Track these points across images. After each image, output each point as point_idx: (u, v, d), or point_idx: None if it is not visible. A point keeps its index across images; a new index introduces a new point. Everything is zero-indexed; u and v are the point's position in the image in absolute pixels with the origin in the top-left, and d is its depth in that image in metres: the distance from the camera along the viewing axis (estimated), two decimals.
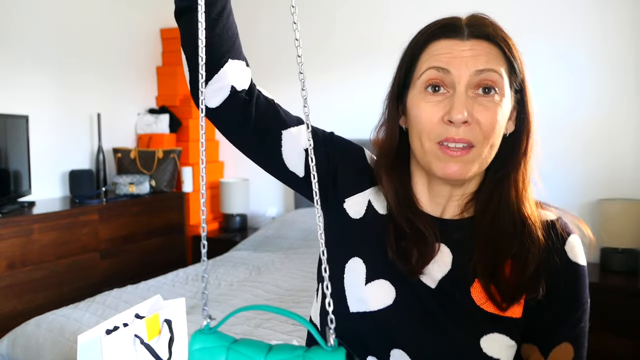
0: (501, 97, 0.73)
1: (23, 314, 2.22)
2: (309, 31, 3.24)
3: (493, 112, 0.72)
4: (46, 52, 2.85)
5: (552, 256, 0.75)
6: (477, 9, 0.77)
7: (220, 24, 0.71)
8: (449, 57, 0.72)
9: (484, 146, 0.73)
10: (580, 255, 0.78)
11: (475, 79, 0.72)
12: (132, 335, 0.79)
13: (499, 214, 0.76)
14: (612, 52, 2.43)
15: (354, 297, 0.77)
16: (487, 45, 0.73)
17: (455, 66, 0.72)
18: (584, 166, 2.50)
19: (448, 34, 0.74)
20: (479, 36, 0.73)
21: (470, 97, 0.72)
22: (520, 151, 0.77)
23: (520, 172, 0.77)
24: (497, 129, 0.73)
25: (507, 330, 0.74)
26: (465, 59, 0.72)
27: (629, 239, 2.28)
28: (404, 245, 0.77)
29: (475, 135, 0.72)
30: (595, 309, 2.39)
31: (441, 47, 0.74)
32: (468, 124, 0.71)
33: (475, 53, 0.72)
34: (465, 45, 0.73)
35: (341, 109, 3.15)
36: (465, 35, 0.73)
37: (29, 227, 2.34)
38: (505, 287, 0.73)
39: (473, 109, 0.71)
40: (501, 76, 0.72)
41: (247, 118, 0.77)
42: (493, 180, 0.78)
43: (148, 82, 3.49)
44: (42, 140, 2.83)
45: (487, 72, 0.72)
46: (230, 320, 1.87)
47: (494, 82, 0.72)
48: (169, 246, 3.10)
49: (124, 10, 3.29)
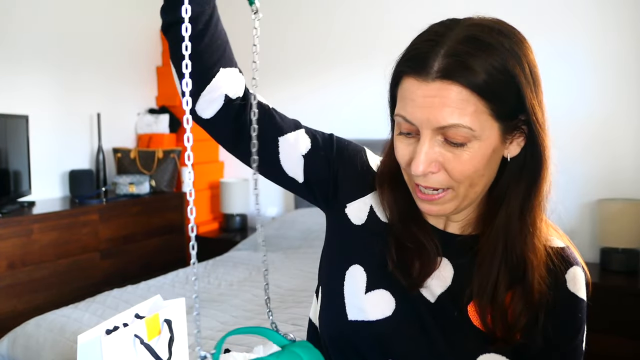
0: (476, 142, 0.65)
1: (23, 314, 2.23)
2: (308, 31, 3.24)
3: (463, 161, 0.66)
4: (46, 52, 2.85)
5: (552, 289, 0.72)
6: (479, 9, 0.74)
7: (208, 33, 0.69)
8: (413, 107, 0.65)
9: (460, 187, 0.68)
10: (581, 287, 0.75)
11: (439, 132, 0.65)
12: (132, 335, 0.79)
13: (504, 242, 0.72)
14: (612, 52, 2.43)
15: (353, 305, 0.76)
16: (456, 88, 0.63)
17: (418, 118, 0.65)
18: (584, 166, 2.50)
19: (416, 70, 0.65)
20: (446, 76, 0.63)
21: (439, 143, 0.66)
22: (533, 176, 0.71)
23: (534, 201, 0.71)
24: (472, 173, 0.67)
25: (505, 351, 0.72)
26: (427, 111, 0.64)
27: (629, 239, 2.28)
28: (404, 257, 0.75)
29: (443, 182, 0.68)
30: (595, 309, 2.38)
31: (408, 88, 0.66)
32: (434, 173, 0.67)
33: (439, 102, 0.63)
34: (429, 88, 0.64)
35: (341, 110, 3.15)
36: (431, 74, 0.64)
37: (29, 227, 2.34)
38: (503, 317, 0.71)
39: (441, 157, 0.66)
40: (469, 127, 0.63)
41: (242, 126, 0.76)
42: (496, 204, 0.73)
43: (148, 82, 3.49)
44: (42, 140, 2.83)
45: (450, 129, 0.64)
46: (229, 320, 1.87)
47: (458, 136, 0.64)
48: (169, 246, 3.10)
49: (124, 10, 3.29)
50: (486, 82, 0.63)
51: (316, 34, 3.21)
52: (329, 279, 0.81)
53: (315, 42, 3.21)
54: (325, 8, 3.19)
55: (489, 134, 0.66)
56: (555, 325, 0.73)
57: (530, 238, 0.71)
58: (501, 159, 0.71)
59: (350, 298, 0.76)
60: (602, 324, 2.10)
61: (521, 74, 0.65)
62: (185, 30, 0.61)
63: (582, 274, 0.75)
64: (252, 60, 0.70)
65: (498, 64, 0.63)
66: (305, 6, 3.24)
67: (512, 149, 0.70)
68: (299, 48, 3.28)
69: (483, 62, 0.63)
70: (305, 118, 3.70)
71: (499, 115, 0.65)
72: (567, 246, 0.77)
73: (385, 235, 0.78)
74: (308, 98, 3.26)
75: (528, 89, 0.66)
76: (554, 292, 0.72)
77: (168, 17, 0.70)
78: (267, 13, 3.67)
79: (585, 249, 2.47)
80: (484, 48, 0.64)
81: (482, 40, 0.64)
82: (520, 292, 0.71)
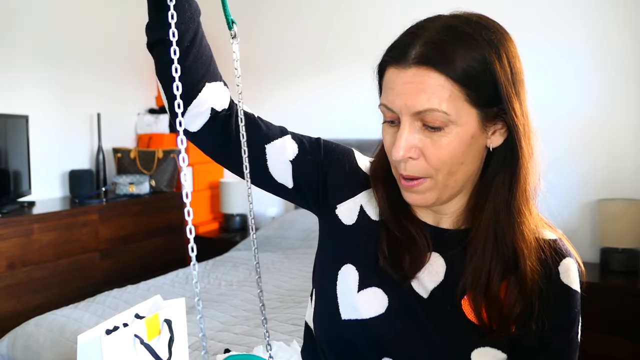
0: (453, 127, 0.67)
1: (23, 314, 2.23)
2: (308, 31, 3.24)
3: (440, 146, 0.67)
4: (46, 52, 2.85)
5: (545, 280, 0.73)
6: (479, 8, 0.75)
7: (193, 51, 0.70)
8: (393, 94, 0.68)
9: (438, 175, 0.69)
10: (574, 279, 0.75)
11: (416, 117, 0.67)
12: (132, 335, 0.79)
13: (494, 233, 0.72)
14: (612, 52, 2.43)
15: (346, 304, 0.76)
16: (434, 74, 0.65)
17: (397, 104, 0.68)
18: (584, 166, 2.50)
19: (396, 59, 0.68)
20: (422, 62, 0.66)
21: (418, 129, 0.68)
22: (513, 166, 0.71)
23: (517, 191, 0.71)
24: (454, 158, 0.68)
25: (499, 344, 0.72)
26: (404, 96, 0.67)
27: (629, 239, 2.28)
28: (395, 251, 0.76)
29: (424, 169, 0.69)
30: (595, 309, 2.37)
31: (389, 78, 0.69)
32: (414, 159, 0.69)
33: (415, 88, 0.66)
34: (407, 75, 0.66)
35: (340, 110, 3.15)
36: (409, 61, 0.66)
37: (29, 227, 2.34)
38: (499, 309, 0.71)
39: (420, 142, 0.68)
40: (445, 112, 0.65)
41: (229, 136, 0.77)
42: (484, 195, 0.74)
43: (148, 82, 3.49)
44: (42, 140, 2.83)
45: (426, 113, 0.66)
46: (229, 320, 1.87)
47: (435, 120, 0.66)
48: (169, 246, 3.10)
49: (124, 10, 3.29)
50: (462, 69, 0.65)
51: (316, 34, 3.21)
52: (322, 280, 0.81)
53: (316, 43, 3.21)
54: (326, 8, 3.18)
55: (467, 119, 0.67)
56: (550, 318, 0.73)
57: (518, 227, 0.72)
58: (485, 150, 0.72)
59: (343, 297, 0.77)
60: (602, 324, 2.09)
61: (497, 63, 0.66)
62: (173, 52, 0.62)
63: (575, 266, 0.75)
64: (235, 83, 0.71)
65: (475, 52, 0.65)
66: (307, 6, 3.24)
67: (494, 139, 0.71)
68: (299, 48, 3.28)
69: (460, 50, 0.65)
70: (306, 118, 3.69)
71: (476, 102, 0.67)
72: (559, 238, 0.77)
73: (376, 233, 0.79)
74: (308, 98, 3.26)
75: (504, 78, 0.67)
76: (547, 285, 0.73)
77: (153, 34, 0.71)
78: (267, 13, 3.68)
79: (585, 249, 2.47)
80: (461, 37, 0.66)
81: (460, 30, 0.66)
82: (514, 282, 0.71)
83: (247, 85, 3.42)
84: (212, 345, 1.67)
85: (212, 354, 1.60)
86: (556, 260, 0.74)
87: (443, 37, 0.66)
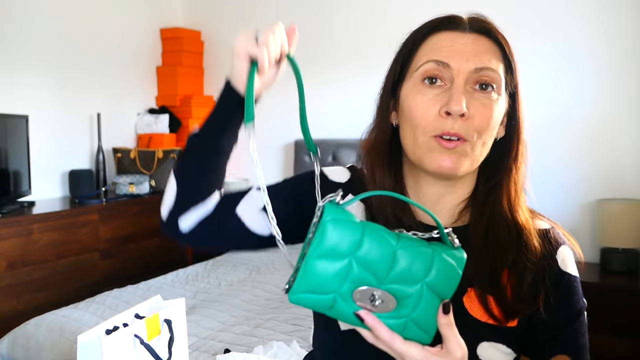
0: (498, 96, 0.72)
1: (23, 314, 2.22)
2: (308, 31, 3.23)
3: (489, 109, 0.71)
4: (46, 52, 2.85)
5: (546, 265, 0.74)
6: (479, 8, 0.77)
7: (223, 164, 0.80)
8: (451, 51, 0.72)
9: (477, 142, 0.72)
10: (571, 265, 0.76)
11: (474, 75, 0.71)
12: (132, 335, 0.79)
13: (494, 222, 0.74)
14: (612, 52, 2.43)
15: None
16: (488, 42, 0.73)
17: (456, 60, 0.71)
18: (584, 166, 2.50)
19: (450, 26, 0.74)
20: (480, 31, 0.73)
21: (468, 91, 0.71)
22: (511, 157, 0.76)
23: (512, 178, 0.76)
24: (492, 126, 0.72)
25: (504, 338, 0.73)
26: (466, 54, 0.71)
27: (629, 239, 2.28)
28: None
29: (469, 130, 0.70)
30: (595, 309, 2.38)
31: (442, 39, 0.73)
32: (465, 118, 0.70)
33: (476, 48, 0.72)
34: (467, 38, 0.72)
35: (339, 110, 3.15)
36: (467, 29, 0.73)
37: (29, 227, 2.34)
38: (504, 298, 0.72)
39: (470, 104, 0.70)
40: (499, 76, 0.72)
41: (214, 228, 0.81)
42: (486, 188, 0.77)
43: (148, 82, 3.49)
44: (42, 140, 2.83)
45: (486, 71, 0.71)
46: (229, 320, 1.87)
47: (492, 80, 0.71)
48: (169, 246, 3.10)
49: (124, 10, 3.29)
50: (509, 51, 0.74)
51: (316, 34, 3.21)
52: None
53: (317, 43, 3.21)
54: (326, 9, 3.19)
55: (503, 97, 0.74)
56: (556, 307, 0.73)
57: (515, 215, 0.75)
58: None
59: None
60: (602, 324, 2.09)
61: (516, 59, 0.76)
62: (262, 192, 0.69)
63: (570, 253, 0.77)
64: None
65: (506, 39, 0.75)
66: (308, 6, 3.24)
67: (500, 130, 0.76)
68: (299, 49, 3.27)
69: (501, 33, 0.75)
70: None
71: (506, 86, 0.74)
72: (552, 227, 0.78)
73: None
74: (309, 98, 3.26)
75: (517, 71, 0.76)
76: (547, 274, 0.73)
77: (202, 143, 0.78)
78: (267, 13, 3.69)
79: (585, 249, 2.47)
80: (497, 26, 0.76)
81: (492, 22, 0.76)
82: (516, 267, 0.72)
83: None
84: (212, 345, 1.67)
85: (212, 354, 1.60)
86: (553, 249, 0.75)
87: (491, 21, 0.75)
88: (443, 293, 0.61)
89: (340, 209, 0.60)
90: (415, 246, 0.60)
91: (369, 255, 0.59)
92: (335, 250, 0.59)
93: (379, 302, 0.60)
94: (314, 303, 0.60)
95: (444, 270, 0.60)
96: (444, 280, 0.60)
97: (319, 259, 0.59)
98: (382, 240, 0.59)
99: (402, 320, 0.60)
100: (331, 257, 0.59)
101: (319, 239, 0.59)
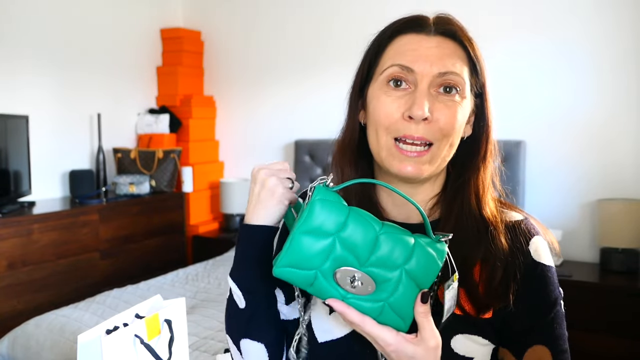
0: (462, 98, 0.73)
1: (23, 314, 2.22)
2: (308, 31, 3.24)
3: (453, 111, 0.72)
4: (46, 51, 2.85)
5: (517, 258, 0.74)
6: (479, 8, 0.77)
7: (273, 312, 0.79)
8: (415, 55, 0.72)
9: (443, 145, 0.73)
10: (545, 255, 0.76)
11: (438, 79, 0.72)
12: (132, 335, 0.79)
13: (462, 218, 0.76)
14: (612, 52, 2.43)
15: (320, 328, 0.78)
16: (453, 45, 0.74)
17: (420, 65, 0.71)
18: (584, 166, 2.50)
19: (415, 28, 0.74)
20: (445, 34, 0.74)
21: (432, 94, 0.72)
22: (479, 156, 0.78)
23: (479, 176, 0.77)
24: (457, 128, 0.73)
25: (479, 330, 0.73)
26: (430, 58, 0.71)
27: (629, 239, 2.28)
28: None
29: (434, 133, 0.71)
30: (595, 309, 2.37)
31: (407, 42, 0.74)
32: (428, 122, 0.71)
33: (441, 52, 0.72)
34: (432, 41, 0.73)
35: (339, 110, 3.15)
36: (432, 31, 0.74)
37: (29, 227, 2.34)
38: (475, 292, 0.72)
39: (434, 106, 0.71)
40: (463, 79, 0.73)
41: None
42: (455, 185, 0.78)
43: (148, 82, 3.49)
44: (42, 140, 2.83)
45: (450, 75, 0.72)
46: None
47: (456, 83, 0.72)
48: (169, 246, 3.10)
49: (124, 10, 3.29)
50: (475, 54, 0.75)
51: (317, 34, 3.21)
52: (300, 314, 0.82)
53: (317, 43, 3.21)
54: (326, 9, 3.19)
55: (468, 99, 0.75)
56: (530, 297, 0.74)
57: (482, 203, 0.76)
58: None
59: (317, 322, 0.78)
60: (601, 324, 2.09)
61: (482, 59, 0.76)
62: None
63: (544, 242, 0.77)
64: None
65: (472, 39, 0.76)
66: (308, 6, 3.24)
67: (467, 129, 0.78)
68: (300, 49, 3.28)
69: (467, 33, 0.75)
70: (305, 118, 3.69)
71: (472, 88, 0.75)
72: (525, 218, 0.79)
73: None
74: (309, 98, 3.26)
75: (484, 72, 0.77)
76: (520, 265, 0.74)
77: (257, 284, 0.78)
78: (267, 14, 3.68)
79: (585, 249, 2.47)
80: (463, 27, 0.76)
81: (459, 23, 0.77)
82: (487, 262, 0.73)
83: (246, 86, 3.42)
84: (212, 345, 1.67)
85: (212, 354, 1.60)
86: (525, 239, 0.76)
87: (457, 21, 0.75)
88: (421, 282, 0.63)
89: (329, 191, 0.63)
90: (398, 234, 0.62)
91: (352, 237, 0.61)
92: (320, 228, 0.61)
93: (358, 284, 0.62)
94: (297, 278, 0.62)
95: (424, 260, 0.62)
96: (423, 270, 0.62)
97: (305, 235, 0.61)
98: (366, 224, 0.62)
99: (379, 305, 0.62)
100: (316, 234, 0.61)
101: (307, 215, 0.61)
